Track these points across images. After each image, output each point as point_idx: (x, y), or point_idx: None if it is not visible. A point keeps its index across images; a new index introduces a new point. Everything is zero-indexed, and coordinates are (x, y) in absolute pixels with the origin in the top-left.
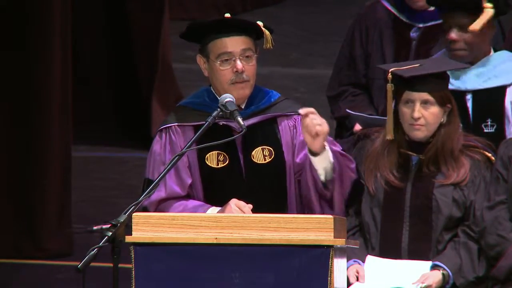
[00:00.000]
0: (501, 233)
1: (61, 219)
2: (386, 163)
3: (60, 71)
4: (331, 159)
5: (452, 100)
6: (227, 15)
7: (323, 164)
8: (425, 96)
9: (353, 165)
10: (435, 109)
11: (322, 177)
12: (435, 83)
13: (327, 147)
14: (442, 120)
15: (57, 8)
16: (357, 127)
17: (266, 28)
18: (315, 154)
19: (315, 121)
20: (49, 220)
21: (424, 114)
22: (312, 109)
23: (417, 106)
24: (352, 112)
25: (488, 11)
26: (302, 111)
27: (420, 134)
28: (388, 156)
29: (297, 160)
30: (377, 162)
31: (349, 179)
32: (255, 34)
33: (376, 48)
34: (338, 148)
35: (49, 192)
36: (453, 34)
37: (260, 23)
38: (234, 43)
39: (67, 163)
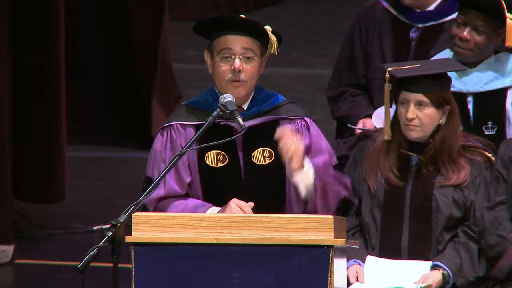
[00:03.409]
0: (501, 233)
1: None
2: (386, 163)
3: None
4: (312, 177)
5: (452, 102)
6: (242, 16)
7: (304, 181)
8: (420, 97)
9: (346, 182)
10: (430, 110)
11: (303, 194)
12: (430, 84)
13: (307, 166)
14: (440, 122)
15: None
16: (358, 130)
17: (274, 34)
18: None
19: (288, 146)
20: None
21: (418, 115)
22: (285, 131)
23: (411, 106)
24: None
25: (509, 22)
26: (276, 135)
27: (414, 134)
28: (388, 156)
29: None
30: (378, 161)
31: (335, 196)
32: (264, 38)
33: (376, 48)
34: (333, 160)
35: None
36: (466, 33)
37: (268, 27)
38: (237, 41)
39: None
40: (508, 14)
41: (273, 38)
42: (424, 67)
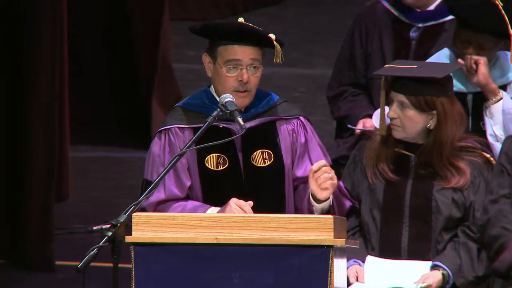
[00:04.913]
0: (506, 226)
1: (44, 231)
2: (383, 155)
3: (48, 71)
4: (331, 202)
5: (440, 107)
6: (241, 19)
7: (322, 207)
8: (401, 97)
9: (343, 188)
10: (411, 113)
11: (317, 213)
12: (412, 87)
13: (331, 197)
14: (429, 125)
15: (48, 7)
16: (358, 131)
17: (278, 42)
18: (318, 201)
19: (327, 175)
20: (29, 230)
21: (400, 116)
22: (323, 162)
23: (393, 106)
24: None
25: None
26: (314, 166)
27: (397, 134)
28: (385, 150)
29: (297, 173)
30: (376, 153)
31: (342, 209)
32: (264, 45)
33: (376, 48)
34: (328, 160)
35: (30, 200)
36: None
37: (272, 36)
38: (245, 52)
39: (50, 165)
40: None
41: (278, 47)
42: (416, 69)
